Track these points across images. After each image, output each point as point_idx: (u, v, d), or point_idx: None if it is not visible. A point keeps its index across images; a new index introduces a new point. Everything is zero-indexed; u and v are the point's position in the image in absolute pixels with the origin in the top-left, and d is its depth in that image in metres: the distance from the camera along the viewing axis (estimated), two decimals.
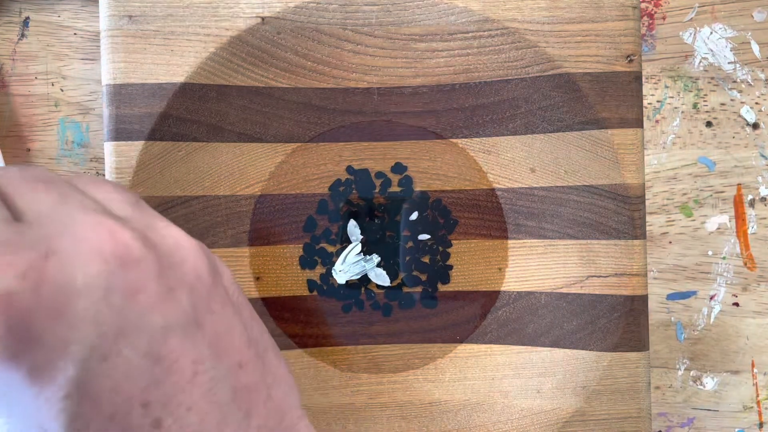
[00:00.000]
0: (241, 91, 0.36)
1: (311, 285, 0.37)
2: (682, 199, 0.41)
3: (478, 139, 0.37)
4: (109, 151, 0.34)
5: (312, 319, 0.37)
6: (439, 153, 0.38)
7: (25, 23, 0.40)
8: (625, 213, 0.35)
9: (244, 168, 0.37)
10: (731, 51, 0.41)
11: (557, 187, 0.36)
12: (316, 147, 0.37)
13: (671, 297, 0.41)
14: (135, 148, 0.35)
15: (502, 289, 0.37)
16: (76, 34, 0.40)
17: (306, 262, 0.37)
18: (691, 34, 0.41)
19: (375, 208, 0.38)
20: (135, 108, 0.34)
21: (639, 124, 0.35)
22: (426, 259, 0.38)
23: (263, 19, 0.35)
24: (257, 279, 0.37)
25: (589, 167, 0.36)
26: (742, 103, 0.41)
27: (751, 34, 0.41)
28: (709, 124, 0.41)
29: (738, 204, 0.41)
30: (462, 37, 0.36)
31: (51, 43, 0.40)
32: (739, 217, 0.41)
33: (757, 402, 0.41)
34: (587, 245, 0.36)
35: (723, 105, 0.41)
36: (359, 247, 0.37)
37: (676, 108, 0.41)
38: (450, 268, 0.38)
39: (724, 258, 0.41)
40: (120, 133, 0.34)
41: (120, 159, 0.34)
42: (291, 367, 0.37)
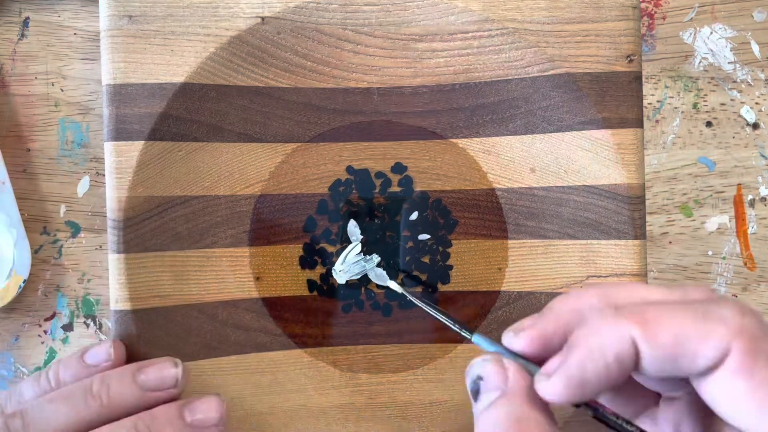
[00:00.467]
0: (241, 91, 0.36)
1: (311, 285, 0.37)
2: (682, 199, 0.41)
3: (478, 139, 0.37)
4: (109, 151, 0.34)
5: (312, 319, 0.37)
6: (439, 153, 0.38)
7: (25, 23, 0.40)
8: (625, 213, 0.35)
9: (244, 168, 0.37)
10: (731, 51, 0.41)
11: (557, 187, 0.36)
12: (316, 147, 0.37)
13: None
14: (135, 148, 0.35)
15: (502, 289, 0.37)
16: (76, 34, 0.40)
17: (306, 262, 0.37)
18: (691, 34, 0.41)
19: (375, 208, 0.38)
20: (135, 108, 0.34)
21: (639, 124, 0.35)
22: (426, 259, 0.38)
23: (263, 19, 0.35)
24: (257, 279, 0.37)
25: (589, 167, 0.36)
26: (742, 103, 0.41)
27: (751, 34, 0.41)
28: (709, 124, 0.41)
29: (738, 204, 0.41)
30: (462, 37, 0.36)
31: (51, 43, 0.40)
32: (739, 217, 0.41)
33: None
34: (587, 245, 0.36)
35: (723, 105, 0.41)
36: (359, 247, 0.37)
37: (676, 108, 0.41)
38: (450, 268, 0.38)
39: (724, 258, 0.41)
40: (120, 133, 0.34)
41: (120, 159, 0.34)
42: (291, 367, 0.37)
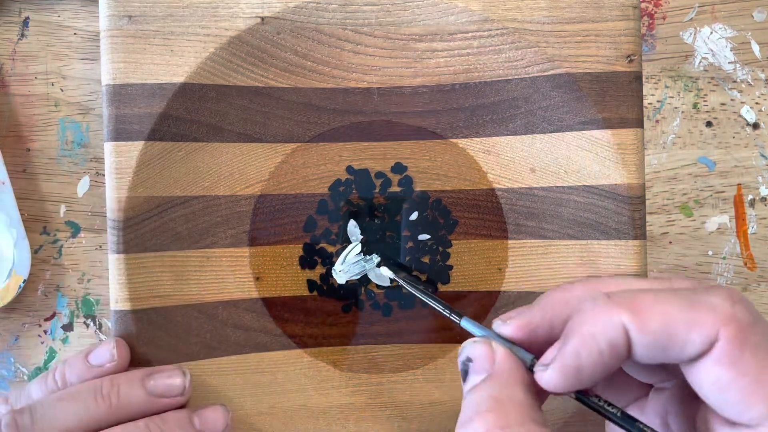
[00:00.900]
0: (241, 91, 0.36)
1: (311, 285, 0.37)
2: (682, 199, 0.41)
3: (478, 139, 0.37)
4: (109, 151, 0.34)
5: (312, 319, 0.37)
6: (439, 153, 0.37)
7: (25, 23, 0.40)
8: (625, 213, 0.35)
9: (244, 168, 0.37)
10: (731, 51, 0.41)
11: (557, 187, 0.36)
12: (316, 147, 0.37)
13: None
14: (135, 148, 0.35)
15: (502, 289, 0.37)
16: (76, 34, 0.40)
17: (306, 262, 0.37)
18: (691, 34, 0.41)
19: (375, 208, 0.38)
20: (135, 108, 0.34)
21: (639, 124, 0.35)
22: (426, 259, 0.38)
23: (263, 19, 0.35)
24: (257, 279, 0.37)
25: (589, 167, 0.36)
26: (742, 103, 0.41)
27: (751, 34, 0.41)
28: (709, 124, 0.41)
29: (738, 204, 0.41)
30: (462, 37, 0.36)
31: (51, 43, 0.40)
32: (740, 217, 0.41)
33: None
34: (587, 245, 0.36)
35: (723, 105, 0.41)
36: (359, 247, 0.37)
37: (676, 108, 0.41)
38: (450, 268, 0.38)
39: (725, 258, 0.41)
40: (120, 133, 0.34)
41: (120, 159, 0.34)
42: (291, 367, 0.37)
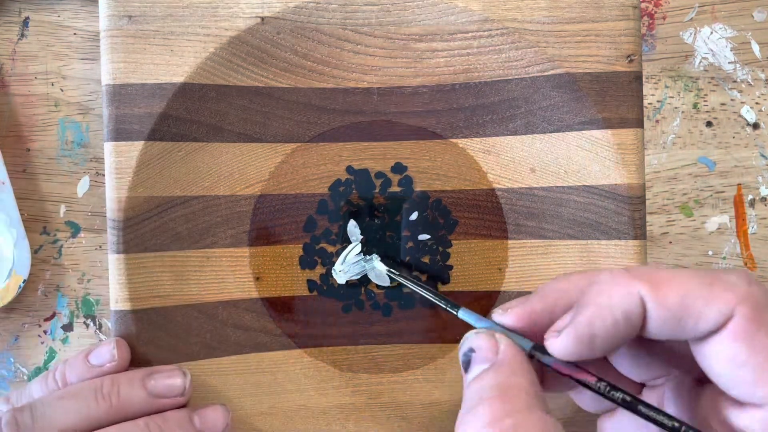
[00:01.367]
0: (241, 91, 0.36)
1: (311, 285, 0.37)
2: (682, 199, 0.41)
3: (478, 139, 0.37)
4: (109, 151, 0.34)
5: (312, 319, 0.37)
6: (439, 153, 0.37)
7: (25, 23, 0.40)
8: (625, 213, 0.35)
9: (244, 168, 0.37)
10: (731, 51, 0.41)
11: (557, 187, 0.36)
12: (315, 147, 0.37)
13: None
14: (135, 148, 0.35)
15: (502, 289, 0.37)
16: (75, 34, 0.40)
17: (306, 262, 0.37)
18: (691, 34, 0.41)
19: (375, 208, 0.38)
20: (135, 108, 0.34)
21: (639, 124, 0.35)
22: (426, 259, 0.38)
23: (263, 19, 0.35)
24: (257, 279, 0.37)
25: (589, 167, 0.36)
26: (743, 103, 0.41)
27: (751, 34, 0.41)
28: (709, 124, 0.41)
29: (738, 204, 0.41)
30: (462, 37, 0.36)
31: (51, 43, 0.40)
32: (740, 217, 0.41)
33: None
34: (587, 245, 0.36)
35: (723, 105, 0.41)
36: (359, 247, 0.37)
37: (676, 108, 0.41)
38: (450, 268, 0.38)
39: (725, 258, 0.41)
40: (120, 133, 0.34)
41: (120, 159, 0.34)
42: (291, 367, 0.37)
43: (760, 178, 0.41)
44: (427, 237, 0.38)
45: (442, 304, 0.31)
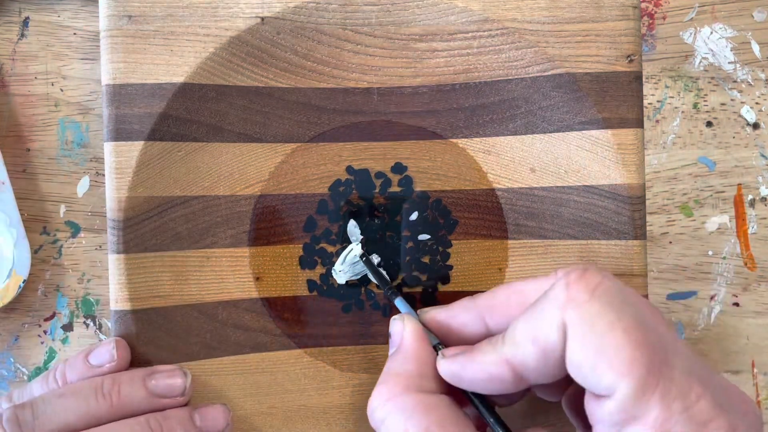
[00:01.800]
0: (240, 91, 0.36)
1: (311, 285, 0.37)
2: (682, 199, 0.41)
3: (478, 139, 0.37)
4: (109, 151, 0.34)
5: (312, 319, 0.37)
6: (439, 153, 0.37)
7: (25, 23, 0.40)
8: (625, 213, 0.35)
9: (244, 168, 0.37)
10: (731, 51, 0.41)
11: (557, 187, 0.36)
12: (316, 147, 0.37)
13: (671, 297, 0.41)
14: (135, 148, 0.35)
15: None
16: (75, 34, 0.40)
17: (306, 262, 0.37)
18: (691, 34, 0.41)
19: (375, 208, 0.38)
20: (135, 108, 0.34)
21: (639, 124, 0.35)
22: (426, 259, 0.38)
23: (263, 19, 0.35)
24: (257, 279, 0.37)
25: (589, 167, 0.36)
26: (743, 103, 0.41)
27: (751, 34, 0.41)
28: (709, 124, 0.41)
29: (738, 204, 0.41)
30: (462, 37, 0.36)
31: (51, 43, 0.40)
32: (740, 217, 0.41)
33: (758, 402, 0.41)
34: (587, 245, 0.36)
35: (723, 105, 0.41)
36: (360, 248, 0.37)
37: (676, 108, 0.41)
38: (450, 268, 0.38)
39: (725, 258, 0.41)
40: (120, 133, 0.34)
41: (120, 159, 0.34)
42: (291, 367, 0.37)
43: (760, 178, 0.41)
44: (427, 237, 0.38)
45: (384, 290, 0.36)
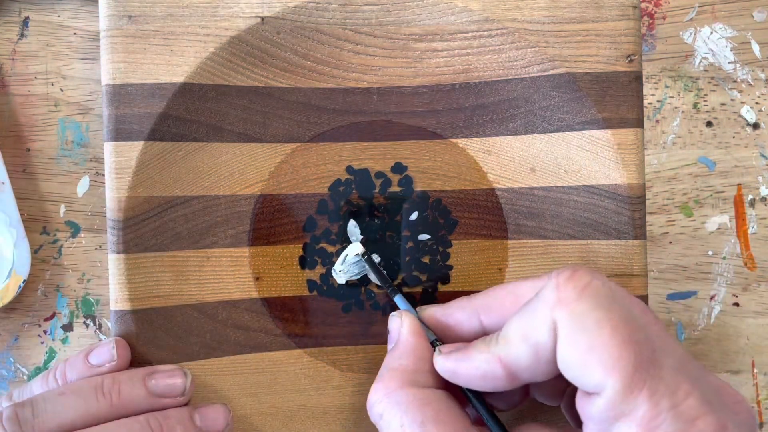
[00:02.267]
0: (240, 91, 0.36)
1: (311, 285, 0.37)
2: (682, 199, 0.41)
3: (478, 139, 0.37)
4: (109, 151, 0.34)
5: (312, 319, 0.37)
6: (439, 153, 0.37)
7: (25, 23, 0.40)
8: (625, 213, 0.35)
9: (244, 168, 0.37)
10: (731, 51, 0.41)
11: (557, 187, 0.36)
12: (315, 147, 0.37)
13: (671, 297, 0.41)
14: (135, 148, 0.35)
15: None
16: (75, 33, 0.40)
17: (306, 262, 0.37)
18: (691, 33, 0.41)
19: (375, 208, 0.38)
20: (135, 108, 0.34)
21: (639, 124, 0.35)
22: (426, 259, 0.38)
23: (263, 19, 0.35)
24: (257, 279, 0.37)
25: (589, 167, 0.36)
26: (743, 103, 0.41)
27: (752, 34, 0.41)
28: (709, 124, 0.41)
29: (738, 204, 0.41)
30: (462, 37, 0.36)
31: (51, 43, 0.40)
32: (740, 217, 0.41)
33: (757, 402, 0.41)
34: (587, 245, 0.36)
35: (723, 105, 0.41)
36: (360, 248, 0.37)
37: (676, 108, 0.41)
38: (450, 268, 0.38)
39: (725, 258, 0.41)
40: (120, 133, 0.34)
41: (120, 159, 0.34)
42: (291, 367, 0.37)
43: (760, 178, 0.41)
44: (427, 237, 0.38)
45: (384, 287, 0.36)
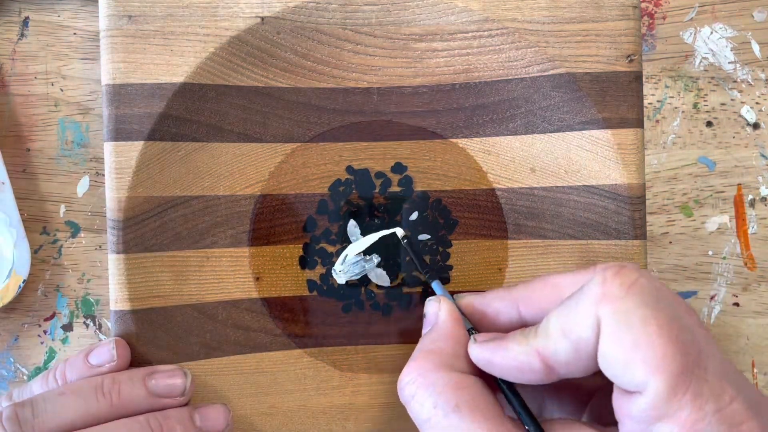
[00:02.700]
0: (240, 91, 0.36)
1: (311, 285, 0.37)
2: (682, 199, 0.41)
3: (478, 139, 0.37)
4: (109, 151, 0.34)
5: (312, 319, 0.37)
6: (439, 153, 0.37)
7: (25, 23, 0.40)
8: (625, 213, 0.35)
9: (244, 168, 0.37)
10: (731, 51, 0.41)
11: (557, 187, 0.36)
12: (316, 147, 0.37)
13: None
14: (135, 148, 0.35)
15: None
16: (75, 33, 0.40)
17: (306, 262, 0.37)
18: (691, 33, 0.41)
19: (375, 208, 0.38)
20: (134, 108, 0.34)
21: (639, 124, 0.35)
22: (426, 259, 0.38)
23: (263, 19, 0.35)
24: (257, 279, 0.37)
25: (589, 167, 0.36)
26: (743, 102, 0.41)
27: (752, 34, 0.41)
28: (709, 124, 0.41)
29: (738, 204, 0.41)
30: (462, 37, 0.36)
31: (51, 43, 0.40)
32: (740, 217, 0.41)
33: None
34: (587, 245, 0.36)
35: (723, 105, 0.41)
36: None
37: (676, 108, 0.41)
38: (450, 268, 0.38)
39: (725, 258, 0.41)
40: (120, 133, 0.34)
41: (120, 159, 0.34)
42: (291, 367, 0.37)
43: (760, 178, 0.41)
44: (427, 237, 0.38)
45: (422, 272, 0.36)
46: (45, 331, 0.40)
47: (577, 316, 0.27)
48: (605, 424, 0.29)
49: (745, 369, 0.41)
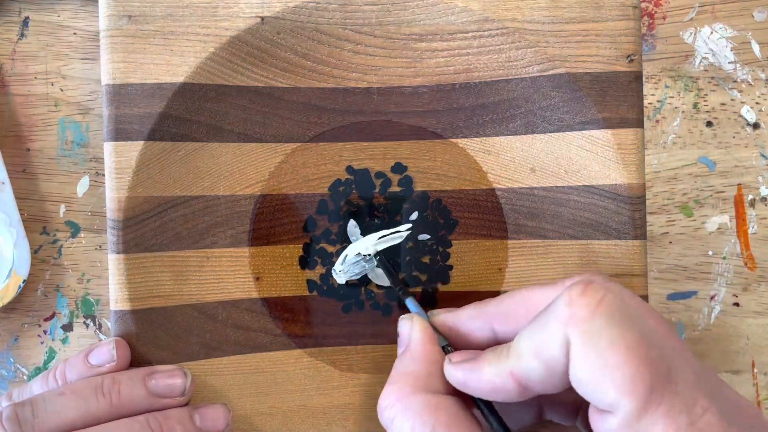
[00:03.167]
0: (240, 91, 0.36)
1: (311, 285, 0.37)
2: (682, 199, 0.41)
3: (478, 139, 0.37)
4: (109, 151, 0.34)
5: (312, 319, 0.37)
6: (439, 153, 0.37)
7: (25, 23, 0.40)
8: (625, 213, 0.35)
9: (244, 168, 0.37)
10: (731, 51, 0.41)
11: (557, 187, 0.36)
12: (316, 147, 0.37)
13: (672, 297, 0.41)
14: (135, 148, 0.35)
15: (502, 289, 0.37)
16: (75, 33, 0.40)
17: (306, 262, 0.37)
18: (691, 33, 0.41)
19: (375, 208, 0.38)
20: (134, 108, 0.34)
21: (639, 124, 0.35)
22: (426, 259, 0.38)
23: (263, 19, 0.35)
24: (257, 279, 0.37)
25: (589, 167, 0.36)
26: (743, 102, 0.41)
27: (752, 33, 0.41)
28: (709, 124, 0.41)
29: (738, 204, 0.41)
30: (462, 37, 0.36)
31: (51, 43, 0.40)
32: (740, 217, 0.41)
33: (758, 402, 0.41)
34: (587, 245, 0.36)
35: (723, 105, 0.41)
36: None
37: (676, 108, 0.41)
38: (450, 268, 0.38)
39: (725, 258, 0.41)
40: (120, 133, 0.34)
41: (120, 159, 0.34)
42: (291, 367, 0.37)
43: (760, 178, 0.41)
44: (427, 237, 0.38)
45: (396, 290, 0.35)
46: (45, 331, 0.40)
47: (546, 336, 0.27)
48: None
49: (745, 369, 0.41)
